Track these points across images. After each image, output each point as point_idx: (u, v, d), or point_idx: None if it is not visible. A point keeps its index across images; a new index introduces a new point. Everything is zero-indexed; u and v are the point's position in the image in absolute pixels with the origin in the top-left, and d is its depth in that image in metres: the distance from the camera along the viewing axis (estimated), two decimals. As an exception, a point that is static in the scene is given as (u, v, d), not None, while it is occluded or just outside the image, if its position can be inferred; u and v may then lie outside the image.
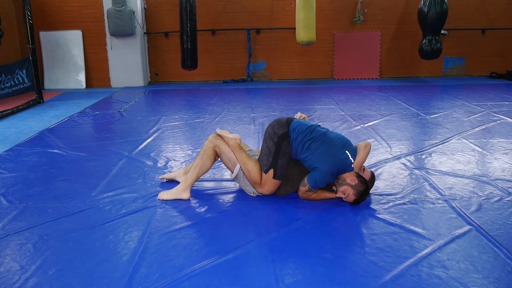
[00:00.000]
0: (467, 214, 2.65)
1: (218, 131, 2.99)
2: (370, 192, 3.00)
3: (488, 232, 2.41)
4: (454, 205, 2.78)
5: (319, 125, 2.97)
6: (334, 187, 2.79)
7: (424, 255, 2.20)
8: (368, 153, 3.06)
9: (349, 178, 2.74)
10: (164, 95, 7.48)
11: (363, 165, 2.97)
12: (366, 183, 2.77)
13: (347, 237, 2.42)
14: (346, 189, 2.73)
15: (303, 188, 2.82)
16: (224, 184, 3.24)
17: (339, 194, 2.76)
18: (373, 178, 2.97)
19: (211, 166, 3.05)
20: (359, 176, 2.77)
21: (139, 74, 8.48)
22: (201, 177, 3.03)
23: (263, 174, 2.84)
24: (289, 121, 2.93)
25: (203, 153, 2.97)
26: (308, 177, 2.78)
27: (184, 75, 8.86)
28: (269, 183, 2.84)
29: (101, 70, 8.55)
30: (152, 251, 2.28)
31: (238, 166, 2.95)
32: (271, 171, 2.81)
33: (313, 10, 7.55)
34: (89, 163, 3.76)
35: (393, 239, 2.37)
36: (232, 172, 3.00)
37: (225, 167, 3.42)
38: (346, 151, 2.81)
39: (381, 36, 8.82)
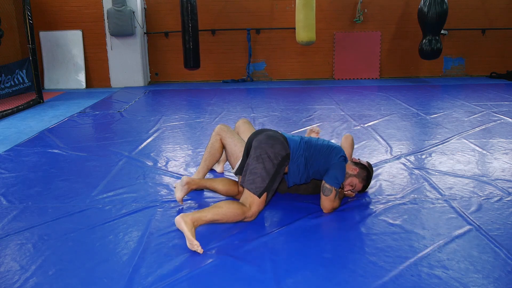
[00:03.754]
0: (467, 214, 2.65)
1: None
2: (370, 192, 3.01)
3: (488, 232, 2.41)
4: (454, 205, 2.78)
5: (302, 137, 2.83)
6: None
7: (424, 255, 2.20)
8: (352, 144, 3.07)
9: (350, 168, 2.75)
10: (164, 95, 7.48)
11: (357, 158, 2.98)
12: (366, 167, 2.79)
13: (347, 237, 2.42)
14: (352, 180, 2.73)
15: (330, 196, 2.61)
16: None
17: (347, 188, 2.75)
18: (370, 165, 2.95)
19: (220, 157, 3.15)
20: (355, 163, 2.79)
21: (139, 74, 8.49)
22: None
23: (250, 197, 2.48)
24: (285, 138, 2.70)
25: (210, 146, 3.02)
26: (326, 181, 2.62)
27: (184, 75, 8.86)
28: (259, 205, 2.51)
29: (101, 70, 8.55)
30: (152, 251, 2.28)
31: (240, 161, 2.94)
32: (265, 195, 2.52)
33: (313, 10, 7.55)
34: (89, 163, 3.76)
35: (393, 239, 2.37)
36: (233, 168, 2.99)
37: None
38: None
39: (381, 36, 8.82)
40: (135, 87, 8.42)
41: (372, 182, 3.19)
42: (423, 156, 3.81)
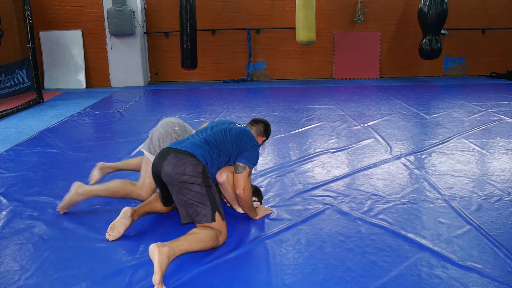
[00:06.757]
0: (467, 214, 2.65)
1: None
2: (370, 192, 3.01)
3: (488, 232, 2.41)
4: (454, 205, 2.78)
5: (198, 134, 2.55)
6: None
7: (424, 255, 2.20)
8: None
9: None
10: (164, 95, 7.48)
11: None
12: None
13: (347, 237, 2.42)
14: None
15: (243, 173, 2.44)
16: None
17: None
18: None
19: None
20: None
21: (139, 74, 8.48)
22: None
23: (211, 225, 2.24)
24: (187, 152, 2.34)
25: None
26: (240, 160, 2.47)
27: (184, 75, 8.86)
28: (223, 225, 2.29)
29: (101, 70, 8.55)
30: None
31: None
32: (217, 214, 2.27)
33: (313, 10, 7.55)
34: (89, 163, 3.75)
35: (393, 239, 2.36)
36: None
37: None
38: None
39: (381, 36, 8.82)
40: (135, 87, 8.42)
41: (372, 181, 3.20)
42: (423, 156, 3.81)
